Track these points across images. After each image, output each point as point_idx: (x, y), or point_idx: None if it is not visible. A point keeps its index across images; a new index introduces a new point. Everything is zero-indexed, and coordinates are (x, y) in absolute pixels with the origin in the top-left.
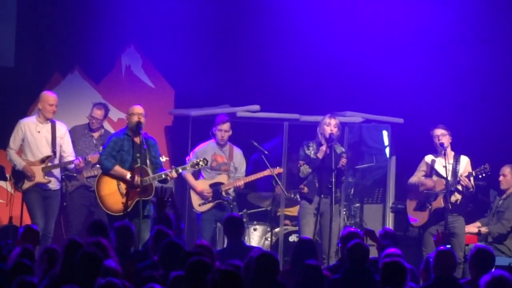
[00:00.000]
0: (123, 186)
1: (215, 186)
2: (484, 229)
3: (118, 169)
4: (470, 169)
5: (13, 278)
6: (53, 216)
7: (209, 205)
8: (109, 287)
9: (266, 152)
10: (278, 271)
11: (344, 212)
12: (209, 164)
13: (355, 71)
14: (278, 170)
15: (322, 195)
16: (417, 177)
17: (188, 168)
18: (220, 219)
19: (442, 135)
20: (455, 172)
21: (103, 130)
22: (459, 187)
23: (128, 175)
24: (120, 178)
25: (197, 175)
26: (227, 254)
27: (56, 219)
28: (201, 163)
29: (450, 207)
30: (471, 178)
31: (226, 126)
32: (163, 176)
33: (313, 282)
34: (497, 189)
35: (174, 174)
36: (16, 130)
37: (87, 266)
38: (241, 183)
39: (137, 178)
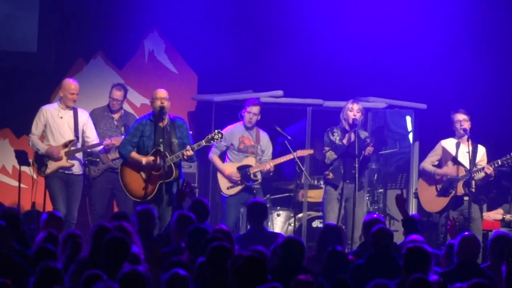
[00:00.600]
0: (144, 172)
1: (244, 169)
2: (508, 217)
3: (134, 155)
4: (485, 159)
5: (37, 263)
6: (76, 202)
7: (237, 188)
8: (134, 276)
9: (289, 138)
10: (304, 256)
11: (368, 198)
12: (236, 146)
13: (379, 57)
14: (305, 151)
15: (347, 181)
16: (429, 163)
17: (203, 143)
18: (246, 203)
19: (464, 121)
20: (473, 160)
21: (122, 111)
22: (476, 175)
23: (144, 161)
24: (138, 164)
25: (222, 158)
26: (247, 239)
27: (80, 204)
28: (216, 136)
29: (469, 195)
30: (493, 167)
31: (255, 109)
32: (180, 155)
33: (338, 268)
34: None
35: (190, 152)
36: (38, 116)
37: (113, 251)
38: (270, 165)
39: (150, 162)
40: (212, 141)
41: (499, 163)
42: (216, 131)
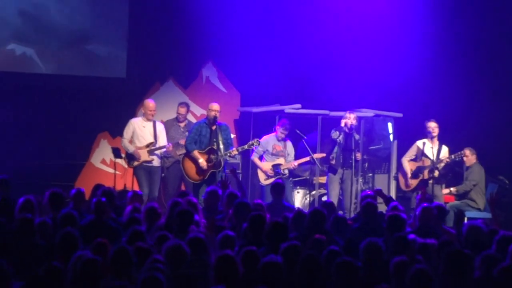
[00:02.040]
0: (202, 159)
1: (276, 166)
2: (453, 189)
3: (195, 153)
4: (447, 155)
5: (127, 228)
6: (156, 186)
7: (271, 180)
8: (196, 240)
9: (305, 137)
10: (325, 221)
11: (361, 180)
12: (270, 151)
13: (369, 79)
14: (319, 155)
15: (345, 168)
16: (408, 158)
17: (245, 147)
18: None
19: (432, 127)
20: (438, 155)
21: (187, 121)
22: (439, 166)
23: (200, 160)
24: (196, 159)
25: (259, 159)
26: (269, 208)
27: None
28: (254, 143)
29: (433, 178)
30: (449, 160)
31: (287, 131)
32: (227, 154)
33: (340, 229)
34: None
35: (235, 152)
36: (128, 126)
37: (182, 219)
38: (294, 164)
39: (204, 163)
40: (251, 147)
41: (453, 157)
42: (255, 139)
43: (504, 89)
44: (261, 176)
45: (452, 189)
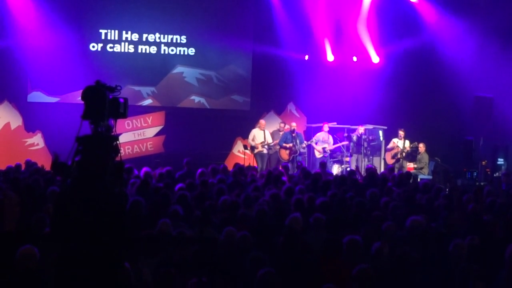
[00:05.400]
0: (287, 151)
1: (324, 148)
2: (413, 165)
3: (284, 144)
4: (408, 145)
5: (250, 184)
6: (265, 163)
7: (321, 155)
8: (289, 189)
9: (338, 138)
10: (346, 181)
11: (367, 160)
12: (320, 140)
13: (373, 109)
14: (344, 143)
15: (358, 154)
16: (389, 146)
17: (308, 142)
18: (322, 160)
19: (400, 132)
20: (404, 145)
21: (283, 131)
22: (404, 152)
23: (288, 146)
24: (285, 148)
25: (315, 144)
26: (321, 175)
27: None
28: (313, 139)
29: (402, 158)
30: (410, 149)
31: (326, 127)
32: (300, 147)
33: (353, 184)
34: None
35: (304, 145)
36: (251, 133)
37: (276, 178)
38: (332, 147)
39: (291, 147)
40: (310, 143)
41: (412, 146)
42: (313, 139)
43: (441, 108)
44: (317, 153)
45: (412, 165)
